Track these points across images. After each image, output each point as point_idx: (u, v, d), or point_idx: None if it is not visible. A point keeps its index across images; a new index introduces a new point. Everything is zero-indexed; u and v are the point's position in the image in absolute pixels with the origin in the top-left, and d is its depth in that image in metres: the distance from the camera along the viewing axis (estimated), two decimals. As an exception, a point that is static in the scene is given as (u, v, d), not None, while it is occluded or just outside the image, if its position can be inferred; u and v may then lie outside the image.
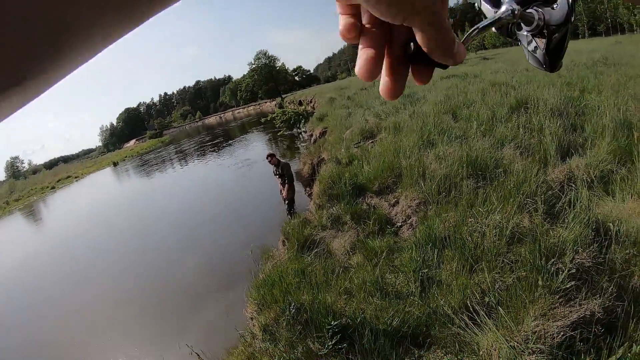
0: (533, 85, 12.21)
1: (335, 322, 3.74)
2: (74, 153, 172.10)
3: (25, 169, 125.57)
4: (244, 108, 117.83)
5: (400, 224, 6.18)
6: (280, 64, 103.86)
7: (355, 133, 11.94)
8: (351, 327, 3.80)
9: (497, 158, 6.61)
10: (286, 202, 10.82)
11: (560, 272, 3.52)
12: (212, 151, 39.09)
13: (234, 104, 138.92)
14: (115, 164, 63.62)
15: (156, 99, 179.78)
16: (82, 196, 40.24)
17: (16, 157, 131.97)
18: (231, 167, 24.17)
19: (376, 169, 7.69)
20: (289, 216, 10.49)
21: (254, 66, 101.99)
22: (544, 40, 0.57)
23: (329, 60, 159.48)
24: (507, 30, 0.61)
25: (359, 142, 10.98)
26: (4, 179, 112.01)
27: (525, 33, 0.59)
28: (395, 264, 4.98)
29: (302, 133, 23.81)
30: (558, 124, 7.52)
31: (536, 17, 0.56)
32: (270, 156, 10.68)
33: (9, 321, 10.63)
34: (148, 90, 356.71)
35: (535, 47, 0.59)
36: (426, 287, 4.29)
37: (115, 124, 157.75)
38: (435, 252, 4.71)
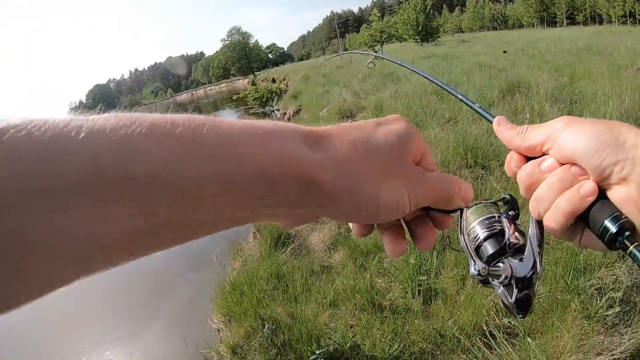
0: (520, 69, 11.58)
1: (321, 350, 3.01)
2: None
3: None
4: (216, 85, 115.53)
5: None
6: (254, 41, 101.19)
7: (332, 112, 11.06)
8: (341, 355, 3.08)
9: (495, 145, 5.87)
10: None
11: (598, 292, 2.88)
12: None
13: (206, 81, 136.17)
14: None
15: (126, 75, 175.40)
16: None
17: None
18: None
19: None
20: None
21: (226, 42, 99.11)
22: (514, 291, 0.59)
23: (303, 38, 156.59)
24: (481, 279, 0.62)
25: (337, 122, 10.14)
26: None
27: (497, 283, 0.61)
28: (386, 267, 4.30)
29: (275, 111, 22.91)
30: (556, 110, 6.92)
31: (503, 273, 0.59)
32: None
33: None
34: (118, 65, 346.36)
35: (506, 296, 0.60)
36: (427, 300, 3.61)
37: (84, 101, 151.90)
38: (435, 255, 4.02)
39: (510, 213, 0.62)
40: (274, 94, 23.15)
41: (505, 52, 18.16)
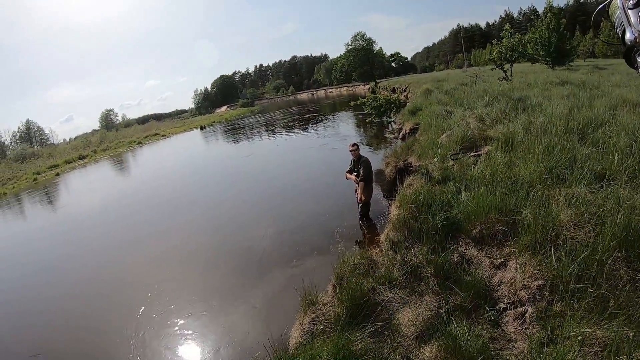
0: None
1: None
2: (167, 112, 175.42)
3: (118, 122, 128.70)
4: (336, 88, 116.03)
5: (504, 304, 4.09)
6: (377, 48, 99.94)
7: (454, 139, 9.44)
8: None
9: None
10: (360, 204, 9.43)
11: None
12: (300, 124, 38.87)
13: (327, 83, 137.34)
14: (202, 128, 65.03)
15: (252, 69, 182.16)
16: (167, 153, 41.44)
17: (111, 110, 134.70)
18: (319, 140, 24.41)
19: (480, 204, 5.47)
20: (360, 222, 9.43)
21: (350, 47, 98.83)
22: None
23: (427, 50, 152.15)
24: (629, 58, 0.74)
25: (458, 154, 8.68)
26: (98, 128, 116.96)
27: None
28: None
29: (392, 123, 22.07)
30: None
31: None
32: (355, 146, 9.38)
33: (87, 259, 11.59)
34: (244, 60, 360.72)
35: None
36: None
37: (209, 89, 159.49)
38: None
39: None
40: (392, 105, 22.06)
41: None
